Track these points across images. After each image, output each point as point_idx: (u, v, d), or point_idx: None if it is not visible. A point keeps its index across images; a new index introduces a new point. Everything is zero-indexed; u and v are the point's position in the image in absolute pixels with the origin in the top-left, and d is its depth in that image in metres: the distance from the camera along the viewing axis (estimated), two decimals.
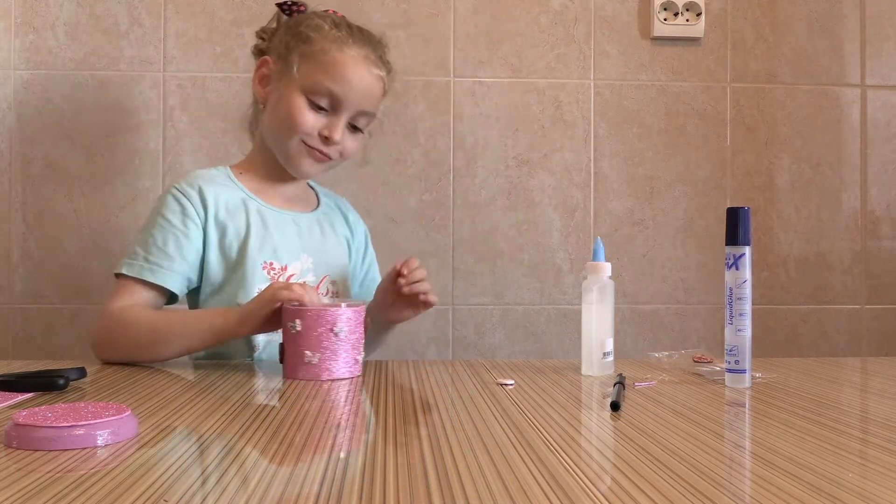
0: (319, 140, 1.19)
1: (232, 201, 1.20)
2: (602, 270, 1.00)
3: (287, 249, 1.20)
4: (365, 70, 1.19)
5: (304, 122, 1.18)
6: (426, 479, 0.55)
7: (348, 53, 1.18)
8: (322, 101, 1.18)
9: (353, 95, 1.18)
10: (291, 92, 1.18)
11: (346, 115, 1.19)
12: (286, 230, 1.22)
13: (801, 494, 0.51)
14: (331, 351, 0.96)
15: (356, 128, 1.23)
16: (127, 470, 0.56)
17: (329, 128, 1.19)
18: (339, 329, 0.95)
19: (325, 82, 1.17)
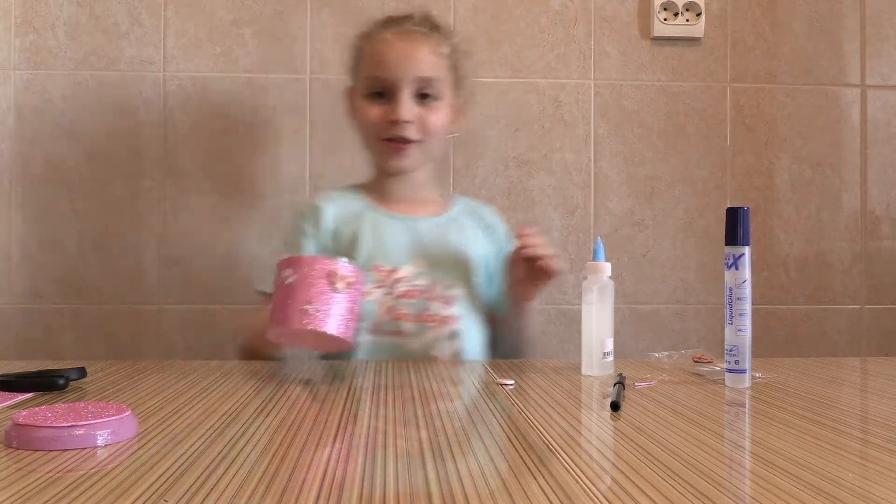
0: (391, 127, 1.20)
1: (350, 211, 1.25)
2: (602, 270, 1.00)
3: (397, 253, 1.22)
4: (400, 42, 1.21)
5: (370, 117, 1.22)
6: (426, 479, 0.55)
7: (380, 38, 1.22)
8: (377, 90, 1.21)
9: (398, 69, 1.19)
10: (358, 102, 1.25)
11: (405, 90, 1.20)
12: (399, 235, 1.24)
13: (801, 494, 0.51)
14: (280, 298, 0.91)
15: (427, 98, 1.22)
16: (127, 470, 0.56)
17: (392, 110, 1.20)
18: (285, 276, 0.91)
19: (369, 73, 1.22)
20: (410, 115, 1.20)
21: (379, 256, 1.20)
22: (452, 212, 1.31)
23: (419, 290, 1.20)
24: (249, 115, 1.56)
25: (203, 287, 1.56)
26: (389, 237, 1.23)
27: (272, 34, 1.57)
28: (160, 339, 1.56)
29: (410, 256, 1.22)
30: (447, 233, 1.27)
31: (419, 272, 1.21)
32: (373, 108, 1.22)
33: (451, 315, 1.21)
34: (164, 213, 1.56)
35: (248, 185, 1.56)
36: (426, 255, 1.23)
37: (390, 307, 1.18)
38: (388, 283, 1.19)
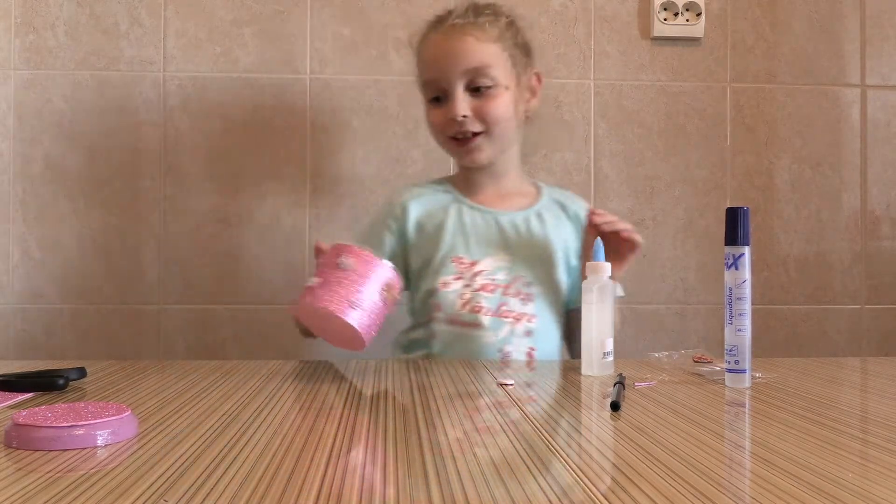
0: (452, 126, 1.21)
1: (438, 204, 1.27)
2: (602, 270, 1.00)
3: (479, 246, 1.23)
4: (444, 40, 1.21)
5: (433, 121, 1.24)
6: (426, 479, 0.55)
7: (427, 41, 1.24)
8: (434, 94, 1.22)
9: (444, 68, 1.20)
10: (425, 111, 1.27)
11: (455, 87, 1.20)
12: (482, 227, 1.24)
13: (801, 494, 0.51)
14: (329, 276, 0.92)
15: (481, 89, 1.21)
16: (127, 470, 0.56)
17: (449, 110, 1.21)
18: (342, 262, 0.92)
19: (423, 78, 1.24)
20: (465, 110, 1.20)
21: (460, 248, 1.22)
22: (538, 205, 1.29)
23: (498, 284, 1.20)
24: (249, 115, 1.56)
25: (203, 287, 1.56)
26: (471, 229, 1.24)
27: (272, 34, 1.57)
28: (160, 339, 1.56)
29: (491, 250, 1.23)
30: (530, 228, 1.26)
31: (499, 266, 1.22)
32: (434, 112, 1.23)
33: (527, 313, 1.21)
34: (164, 213, 1.56)
35: (248, 185, 1.56)
36: (507, 249, 1.23)
37: (468, 299, 1.19)
38: (468, 275, 1.20)
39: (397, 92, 1.58)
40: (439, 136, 1.25)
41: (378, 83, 1.58)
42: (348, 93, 1.58)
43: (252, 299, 1.57)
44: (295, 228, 1.57)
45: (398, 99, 1.58)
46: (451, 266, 1.20)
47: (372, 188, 1.58)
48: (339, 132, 1.58)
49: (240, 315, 1.56)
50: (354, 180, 1.58)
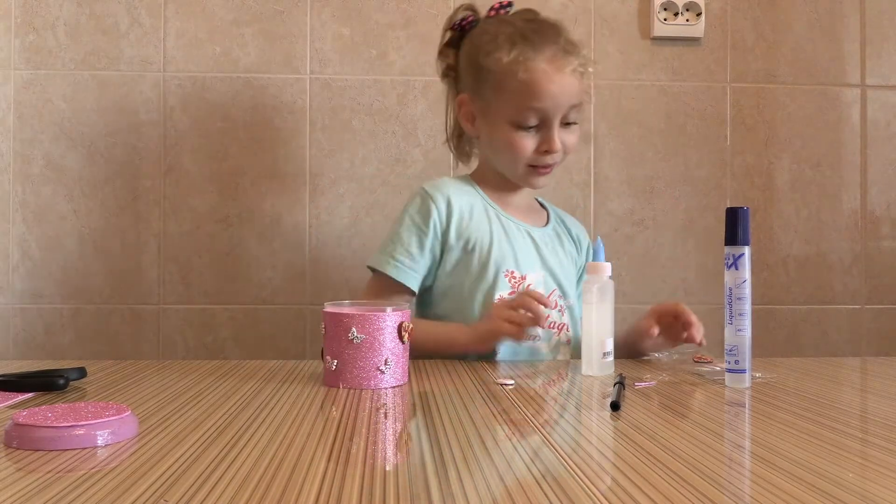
0: (542, 156, 1.21)
1: (477, 209, 1.24)
2: (602, 270, 1.00)
3: (526, 260, 1.23)
4: (556, 75, 1.18)
5: (524, 150, 1.20)
6: (426, 479, 0.55)
7: (535, 68, 1.18)
8: (531, 121, 1.19)
9: (556, 102, 1.18)
10: (500, 127, 1.21)
11: (556, 121, 1.20)
12: (524, 241, 1.25)
13: (801, 494, 0.51)
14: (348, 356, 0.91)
15: (570, 123, 1.22)
16: (127, 470, 0.56)
17: (546, 142, 1.20)
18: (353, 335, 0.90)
19: (526, 104, 1.18)
20: (561, 144, 1.21)
21: (509, 262, 1.21)
22: (552, 222, 1.33)
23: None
24: (249, 115, 1.56)
25: (203, 287, 1.56)
26: (517, 243, 1.24)
27: (272, 34, 1.57)
28: (160, 339, 1.56)
29: (532, 264, 1.24)
30: (553, 243, 1.29)
31: (540, 281, 1.23)
32: (525, 140, 1.20)
33: (565, 322, 1.24)
34: (164, 213, 1.56)
35: (248, 185, 1.56)
36: (542, 263, 1.25)
37: None
38: (521, 289, 1.20)
39: (397, 92, 1.58)
40: (519, 161, 1.22)
41: (378, 83, 1.58)
42: (348, 93, 1.58)
43: (252, 299, 1.57)
44: (295, 228, 1.57)
45: (398, 99, 1.58)
46: (505, 281, 1.21)
47: (372, 188, 1.58)
48: (339, 132, 1.58)
49: (240, 315, 1.56)
50: (354, 180, 1.58)
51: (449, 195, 1.23)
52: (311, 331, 1.57)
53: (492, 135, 1.24)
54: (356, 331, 0.90)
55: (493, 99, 1.21)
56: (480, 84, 1.23)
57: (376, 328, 0.90)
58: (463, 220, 1.22)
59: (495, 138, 1.23)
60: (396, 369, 0.92)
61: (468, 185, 1.28)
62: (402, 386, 0.92)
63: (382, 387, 0.90)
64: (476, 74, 1.23)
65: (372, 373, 0.90)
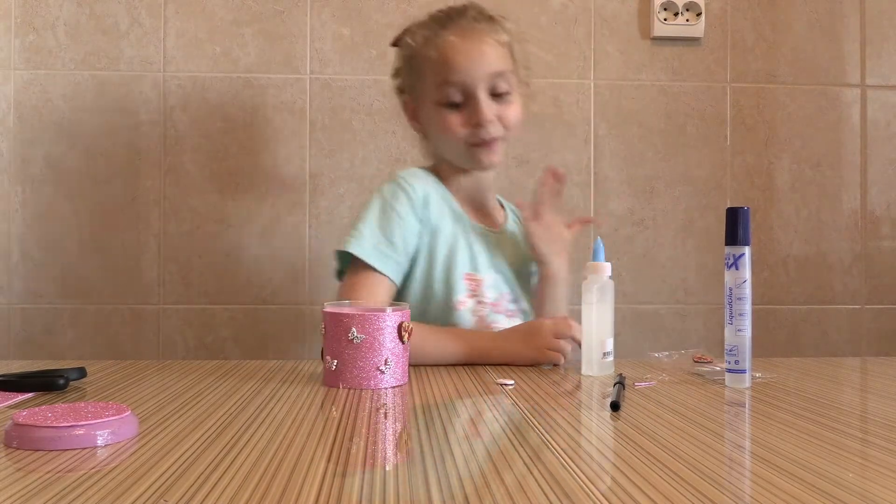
0: (475, 131, 1.19)
1: (445, 205, 1.22)
2: (602, 270, 1.00)
3: (483, 262, 1.22)
4: (464, 43, 1.18)
5: (454, 128, 1.19)
6: (426, 479, 0.55)
7: (442, 42, 1.18)
8: (453, 97, 1.18)
9: (469, 71, 1.17)
10: (429, 112, 1.21)
11: (480, 91, 1.18)
12: (482, 244, 1.24)
13: (801, 494, 0.51)
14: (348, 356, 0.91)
15: (501, 94, 1.20)
16: (127, 470, 0.56)
17: (473, 115, 1.18)
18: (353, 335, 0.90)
19: (440, 79, 1.18)
20: (492, 115, 1.18)
21: (467, 265, 1.20)
22: (508, 223, 1.31)
23: (491, 302, 1.21)
24: (249, 115, 1.56)
25: (203, 287, 1.56)
26: (476, 246, 1.22)
27: (272, 34, 1.57)
28: (160, 339, 1.56)
29: (489, 266, 1.23)
30: (506, 245, 1.28)
31: (491, 284, 1.22)
32: (452, 117, 1.19)
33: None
34: (164, 213, 1.56)
35: (248, 185, 1.56)
36: (496, 266, 1.24)
37: (482, 317, 1.19)
38: (479, 292, 1.20)
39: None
40: (455, 141, 1.20)
41: (378, 83, 1.58)
42: (348, 93, 1.58)
43: (252, 299, 1.57)
44: (295, 228, 1.57)
45: None
46: (464, 284, 1.19)
47: (372, 188, 1.58)
48: (339, 132, 1.58)
49: (240, 315, 1.56)
50: (354, 180, 1.58)
51: (425, 185, 1.21)
52: (311, 331, 1.57)
53: (427, 124, 1.23)
54: (356, 331, 0.90)
55: (419, 87, 1.22)
56: (409, 78, 1.24)
57: (376, 328, 0.90)
58: (433, 214, 1.20)
59: (430, 126, 1.23)
60: (396, 369, 0.92)
61: (434, 179, 1.25)
62: (402, 386, 0.92)
63: (382, 387, 0.90)
64: (405, 73, 1.25)
65: (372, 373, 0.90)
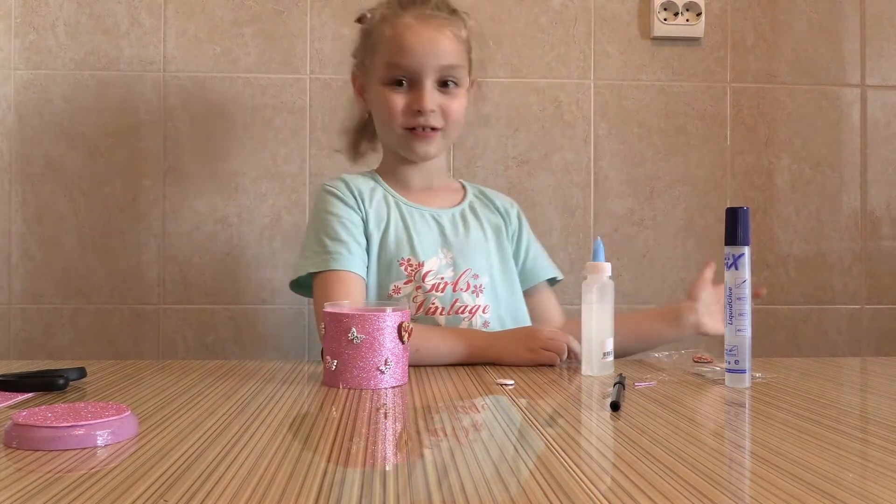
0: (415, 116, 1.19)
1: (376, 197, 1.23)
2: (602, 270, 1.00)
3: (424, 246, 1.21)
4: (424, 28, 1.18)
5: (394, 107, 1.19)
6: (426, 479, 0.55)
7: (399, 22, 1.19)
8: (399, 79, 1.18)
9: (421, 57, 1.17)
10: (375, 88, 1.21)
11: (428, 79, 1.18)
12: (424, 227, 1.23)
13: (801, 494, 0.51)
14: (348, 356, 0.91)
15: (448, 86, 1.20)
16: (127, 470, 0.56)
17: (416, 100, 1.18)
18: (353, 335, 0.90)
19: (390, 59, 1.18)
20: (435, 105, 1.19)
21: (406, 250, 1.19)
22: (467, 200, 1.30)
23: (448, 282, 1.20)
24: (249, 115, 1.56)
25: (203, 287, 1.56)
26: (415, 230, 1.22)
27: (272, 34, 1.57)
28: (160, 339, 1.56)
29: (435, 248, 1.22)
30: (467, 222, 1.27)
31: (445, 264, 1.21)
32: (394, 97, 1.19)
33: (480, 304, 1.21)
34: (164, 213, 1.56)
35: (248, 185, 1.56)
36: (449, 246, 1.23)
37: (422, 302, 1.18)
38: (417, 277, 1.19)
39: None
40: (392, 123, 1.20)
41: None
42: (348, 93, 1.57)
43: (252, 299, 1.57)
44: (295, 228, 1.57)
45: None
46: (400, 270, 1.18)
47: None
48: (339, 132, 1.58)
49: (240, 315, 1.56)
50: None
51: (348, 181, 1.22)
52: (311, 331, 1.56)
53: (372, 101, 1.24)
54: (356, 331, 0.90)
55: (369, 63, 1.23)
56: (362, 53, 1.25)
57: (376, 328, 0.90)
58: (365, 203, 1.21)
59: (373, 103, 1.23)
60: (396, 369, 0.92)
61: (367, 176, 1.27)
62: (402, 386, 0.92)
63: (382, 387, 0.90)
64: (361, 46, 1.26)
65: (372, 373, 0.90)
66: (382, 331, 0.90)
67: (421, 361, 1.05)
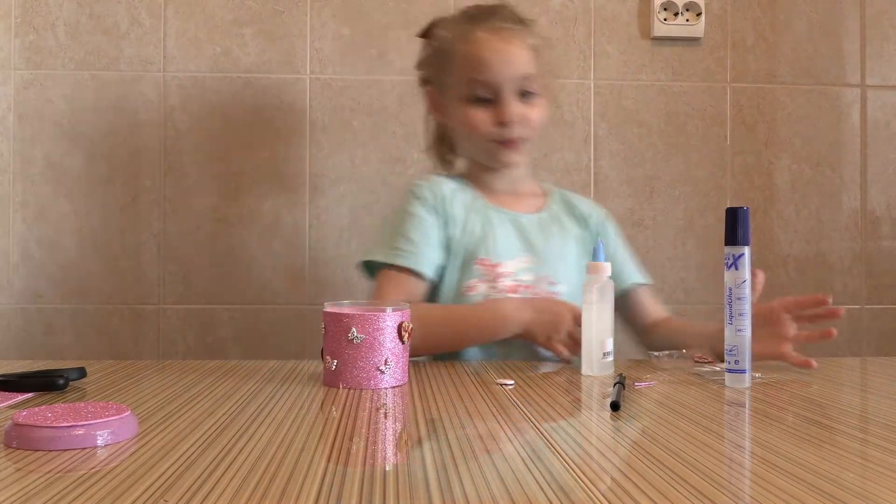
0: (500, 129, 1.20)
1: (460, 198, 1.25)
2: (602, 270, 1.00)
3: (504, 248, 1.22)
4: (497, 42, 1.20)
5: (479, 124, 1.21)
6: (426, 480, 0.55)
7: (473, 39, 1.20)
8: (480, 94, 1.20)
9: (501, 71, 1.19)
10: (455, 106, 1.24)
11: (508, 92, 1.20)
12: (504, 230, 1.24)
13: (801, 494, 0.51)
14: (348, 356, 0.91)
15: (527, 95, 1.22)
16: (127, 470, 0.56)
17: (499, 113, 1.20)
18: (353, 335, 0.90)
19: (471, 76, 1.20)
20: (517, 115, 1.20)
21: (483, 251, 1.21)
22: (551, 206, 1.31)
23: (524, 285, 1.21)
24: (249, 115, 1.56)
25: (203, 287, 1.56)
26: (496, 231, 1.23)
27: (272, 34, 1.57)
28: (160, 339, 1.56)
29: (515, 251, 1.23)
30: (549, 228, 1.28)
31: (523, 268, 1.22)
32: (477, 113, 1.21)
33: None
34: (164, 213, 1.56)
35: (248, 185, 1.56)
36: (530, 250, 1.24)
37: None
38: (491, 277, 1.20)
39: (397, 92, 1.58)
40: (477, 137, 1.23)
41: (378, 83, 1.58)
42: (348, 93, 1.58)
43: (252, 299, 1.57)
44: (295, 228, 1.57)
45: (398, 99, 1.58)
46: (476, 269, 1.20)
47: (372, 188, 1.58)
48: (339, 132, 1.58)
49: (240, 315, 1.56)
50: (354, 180, 1.58)
51: (433, 185, 1.24)
52: (311, 331, 1.57)
53: (453, 118, 1.26)
54: (356, 331, 0.90)
55: (447, 80, 1.24)
56: (437, 71, 1.27)
57: (376, 328, 0.90)
58: (450, 205, 1.23)
59: (455, 120, 1.25)
60: (396, 369, 0.92)
61: (454, 179, 1.29)
62: (402, 386, 0.92)
63: (382, 387, 0.90)
64: (433, 64, 1.27)
65: (372, 373, 0.90)
66: (382, 331, 0.90)
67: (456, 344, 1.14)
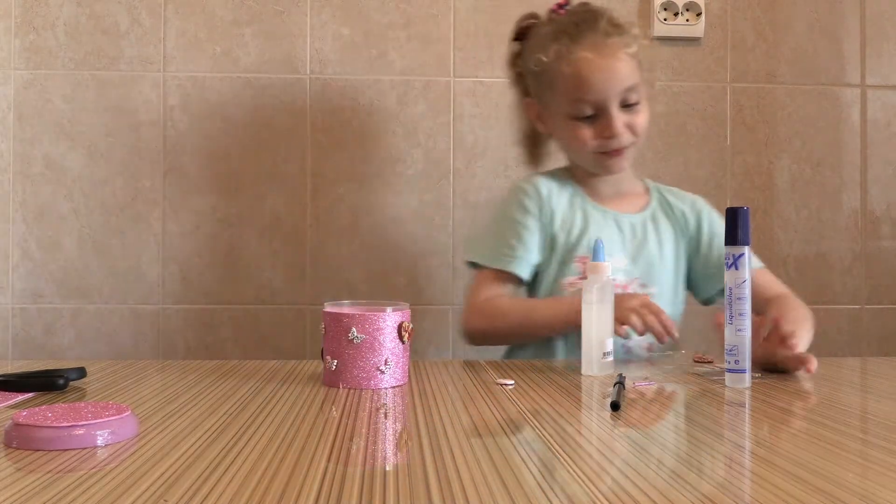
0: (606, 141, 1.21)
1: (564, 195, 1.27)
2: (602, 270, 1.00)
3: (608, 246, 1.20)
4: (599, 60, 1.19)
5: (585, 141, 1.22)
6: (426, 480, 0.55)
7: (577, 59, 1.19)
8: (585, 112, 1.20)
9: (603, 89, 1.19)
10: (560, 122, 1.24)
11: (612, 105, 1.20)
12: (605, 229, 1.25)
13: (801, 494, 0.51)
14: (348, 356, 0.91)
15: (631, 104, 1.22)
16: (127, 470, 0.56)
17: (605, 128, 1.20)
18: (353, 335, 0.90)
19: (576, 96, 1.20)
20: (623, 127, 1.21)
21: (583, 248, 1.23)
22: (651, 207, 1.31)
23: (618, 284, 1.21)
24: (249, 115, 1.56)
25: (203, 287, 1.56)
26: (596, 231, 1.24)
27: (272, 34, 1.57)
28: (160, 339, 1.56)
29: (613, 251, 1.23)
30: (646, 230, 1.28)
31: (619, 268, 1.23)
32: (583, 129, 1.21)
33: None
34: (164, 213, 1.56)
35: (248, 185, 1.56)
36: (626, 251, 1.25)
37: None
38: None
39: (397, 92, 1.58)
40: (583, 151, 1.24)
41: (378, 83, 1.58)
42: (348, 93, 1.58)
43: (252, 299, 1.57)
44: (295, 228, 1.57)
45: (398, 99, 1.58)
46: (576, 266, 1.22)
47: (372, 188, 1.58)
48: (339, 132, 1.58)
49: (240, 315, 1.56)
50: (354, 180, 1.58)
51: (538, 185, 1.27)
52: (311, 331, 1.57)
53: (557, 132, 1.28)
54: (356, 331, 0.90)
55: (549, 98, 1.25)
56: (538, 86, 1.27)
57: (376, 328, 0.90)
58: (552, 203, 1.25)
59: (559, 135, 1.28)
60: (396, 369, 0.92)
61: (559, 176, 1.30)
62: (402, 386, 0.92)
63: (382, 387, 0.90)
64: (533, 78, 1.27)
65: (372, 373, 0.90)
66: (382, 331, 0.91)
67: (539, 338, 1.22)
